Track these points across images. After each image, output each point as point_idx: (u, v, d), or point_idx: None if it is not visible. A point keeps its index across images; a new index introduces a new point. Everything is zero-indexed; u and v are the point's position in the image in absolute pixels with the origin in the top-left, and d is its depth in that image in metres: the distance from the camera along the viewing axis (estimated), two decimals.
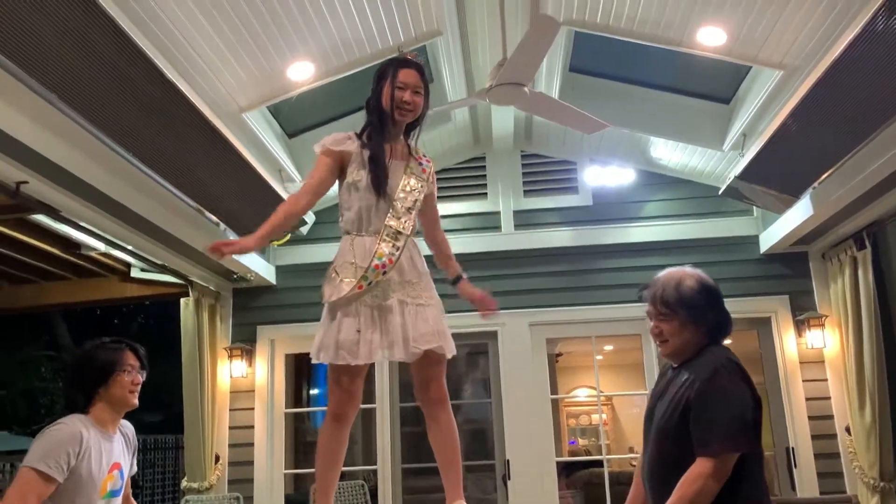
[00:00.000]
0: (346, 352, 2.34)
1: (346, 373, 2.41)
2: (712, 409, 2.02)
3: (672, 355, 2.26)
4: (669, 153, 5.42)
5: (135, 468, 2.60)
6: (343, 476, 5.84)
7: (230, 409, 5.50)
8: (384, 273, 2.39)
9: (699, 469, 1.98)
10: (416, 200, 2.51)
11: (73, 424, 2.33)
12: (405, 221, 2.46)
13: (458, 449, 2.46)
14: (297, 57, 3.96)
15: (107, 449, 2.41)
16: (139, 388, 2.49)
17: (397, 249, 2.42)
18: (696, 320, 2.17)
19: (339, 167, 2.50)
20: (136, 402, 2.48)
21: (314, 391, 7.38)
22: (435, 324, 2.42)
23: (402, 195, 2.48)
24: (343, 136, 2.52)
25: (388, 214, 2.44)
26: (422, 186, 2.54)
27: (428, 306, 2.44)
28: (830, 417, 5.11)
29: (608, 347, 9.40)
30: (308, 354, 2.53)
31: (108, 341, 2.50)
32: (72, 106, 3.18)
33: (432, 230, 2.70)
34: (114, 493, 2.43)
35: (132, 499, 2.63)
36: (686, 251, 5.39)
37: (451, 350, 2.47)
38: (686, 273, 2.25)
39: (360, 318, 2.36)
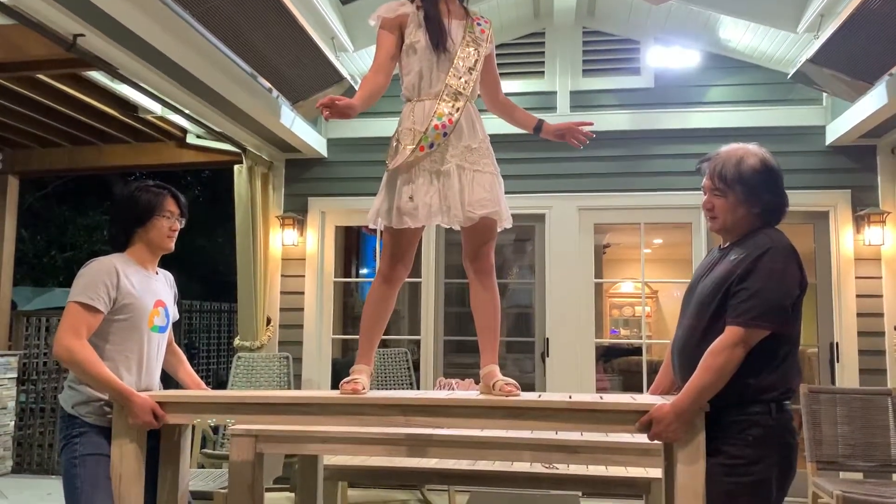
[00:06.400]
0: (406, 216, 2.37)
1: (402, 237, 2.46)
2: (755, 283, 2.00)
3: (720, 231, 2.24)
4: (739, 34, 5.14)
5: (176, 315, 2.69)
6: (388, 344, 6.05)
7: (282, 275, 5.68)
8: (444, 135, 2.38)
9: (728, 338, 1.99)
10: (476, 60, 2.49)
11: (106, 260, 2.43)
12: (466, 81, 2.44)
13: (497, 316, 2.50)
14: None
15: (149, 284, 2.51)
16: (176, 234, 2.56)
17: (457, 110, 2.41)
18: (750, 200, 2.13)
19: (400, 35, 2.49)
20: (172, 246, 2.56)
21: (363, 270, 7.55)
22: (491, 190, 2.42)
23: (462, 53, 2.46)
24: (396, 2, 2.52)
25: (449, 73, 2.42)
26: (482, 46, 2.52)
27: (486, 173, 2.43)
28: (880, 315, 5.04)
29: (657, 241, 9.33)
30: (358, 228, 2.57)
31: (152, 185, 2.56)
32: None
33: (494, 92, 2.67)
34: (160, 329, 2.54)
35: (175, 345, 2.74)
36: (748, 139, 4.90)
37: (506, 219, 2.48)
38: (749, 150, 2.19)
39: (419, 181, 2.38)
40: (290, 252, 5.67)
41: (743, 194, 2.13)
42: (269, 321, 5.54)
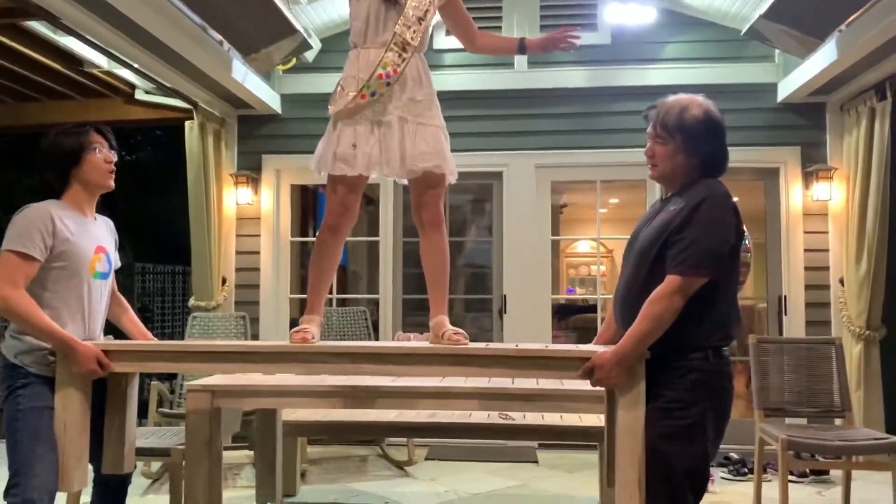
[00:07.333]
0: (343, 163, 2.35)
1: (343, 184, 2.42)
2: (692, 233, 2.04)
3: (660, 179, 2.27)
4: None
5: (118, 261, 2.62)
6: (347, 303, 6.02)
7: (237, 235, 5.60)
8: (388, 84, 2.35)
9: (666, 287, 2.03)
10: (426, 11, 2.43)
11: (40, 206, 2.35)
12: (415, 31, 2.39)
13: (446, 267, 2.49)
14: None
15: (88, 230, 2.43)
16: (112, 166, 2.46)
17: (403, 60, 2.37)
18: (690, 149, 2.16)
19: None
20: (112, 184, 2.47)
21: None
22: (435, 144, 2.40)
23: (413, 3, 2.40)
24: None
25: (399, 22, 2.37)
26: None
27: (430, 126, 2.41)
28: (826, 269, 5.19)
29: (613, 200, 9.42)
30: (314, 188, 2.53)
31: (71, 125, 2.47)
32: None
33: (470, 33, 2.64)
34: (102, 275, 2.47)
35: (118, 293, 2.66)
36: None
37: (451, 172, 2.45)
38: (694, 101, 2.22)
39: (360, 130, 2.35)
40: (244, 211, 5.59)
41: (683, 143, 2.16)
42: (224, 281, 5.48)
